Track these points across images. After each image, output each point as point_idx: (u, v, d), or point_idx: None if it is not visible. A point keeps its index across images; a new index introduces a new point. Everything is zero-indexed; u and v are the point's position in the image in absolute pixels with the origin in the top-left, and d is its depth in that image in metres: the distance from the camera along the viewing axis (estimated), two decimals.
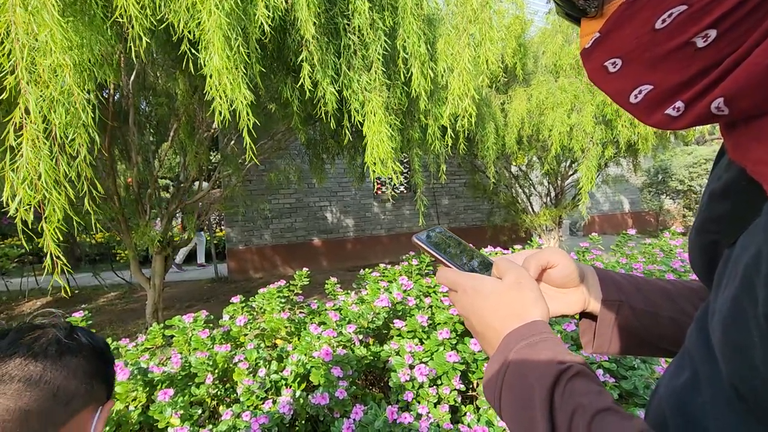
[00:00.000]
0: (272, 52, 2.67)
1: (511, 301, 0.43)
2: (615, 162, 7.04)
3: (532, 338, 0.39)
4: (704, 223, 0.39)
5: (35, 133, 1.52)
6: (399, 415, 1.51)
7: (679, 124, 0.33)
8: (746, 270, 0.26)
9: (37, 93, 1.53)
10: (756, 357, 0.25)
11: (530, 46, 5.55)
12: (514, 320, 0.41)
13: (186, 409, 1.55)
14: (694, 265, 0.43)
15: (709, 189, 0.39)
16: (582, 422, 0.32)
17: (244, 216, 7.82)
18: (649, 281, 0.53)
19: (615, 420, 0.31)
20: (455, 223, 9.59)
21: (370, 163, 2.48)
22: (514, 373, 0.38)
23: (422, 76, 2.57)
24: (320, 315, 2.24)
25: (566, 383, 0.35)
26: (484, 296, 0.44)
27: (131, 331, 4.82)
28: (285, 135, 5.00)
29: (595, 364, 1.85)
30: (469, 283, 0.45)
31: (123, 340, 2.13)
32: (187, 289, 7.36)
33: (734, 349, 0.27)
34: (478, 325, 0.44)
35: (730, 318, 0.27)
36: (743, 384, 0.27)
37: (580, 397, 0.34)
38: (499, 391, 0.38)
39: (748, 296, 0.25)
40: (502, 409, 0.38)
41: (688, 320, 0.48)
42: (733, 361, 0.27)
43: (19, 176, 1.51)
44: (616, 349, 0.51)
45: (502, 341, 0.41)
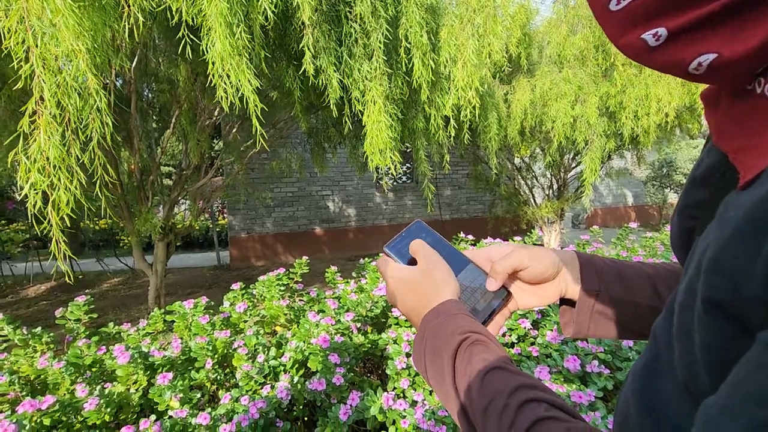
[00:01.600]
0: (275, 40, 2.65)
1: (424, 286, 0.48)
2: (619, 155, 6.99)
3: (440, 317, 0.44)
4: (684, 208, 0.39)
5: (48, 119, 1.53)
6: (395, 402, 1.53)
7: (652, 58, 0.29)
8: (699, 256, 0.26)
9: (51, 80, 1.54)
10: (695, 346, 0.25)
11: (535, 35, 5.48)
12: (430, 301, 0.47)
13: (185, 393, 1.58)
14: (675, 248, 0.43)
15: (691, 174, 0.39)
16: (476, 382, 0.37)
17: (246, 204, 7.84)
18: (633, 266, 0.53)
19: (504, 374, 0.37)
20: (457, 214, 9.59)
21: (369, 152, 2.47)
22: (429, 349, 0.43)
23: (423, 66, 2.55)
24: (319, 303, 2.26)
25: (465, 350, 0.40)
26: (405, 283, 0.49)
27: (133, 316, 4.88)
28: (287, 123, 4.98)
29: (591, 356, 1.87)
30: (393, 273, 0.51)
31: (125, 325, 2.16)
32: (189, 275, 7.42)
33: (683, 335, 0.27)
34: (404, 310, 0.49)
35: (684, 303, 0.27)
36: (687, 369, 0.27)
37: (477, 361, 0.39)
38: (424, 367, 0.44)
39: (697, 283, 0.26)
40: (429, 382, 0.43)
41: None
42: (682, 348, 0.27)
43: (31, 161, 1.53)
44: (594, 334, 0.52)
45: (421, 322, 0.46)
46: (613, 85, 4.76)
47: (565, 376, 1.80)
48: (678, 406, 0.30)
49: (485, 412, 0.35)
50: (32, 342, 1.92)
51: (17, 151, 1.53)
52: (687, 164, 10.43)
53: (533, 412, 0.33)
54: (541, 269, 0.51)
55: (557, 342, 1.93)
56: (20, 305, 5.89)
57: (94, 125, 1.68)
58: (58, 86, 1.54)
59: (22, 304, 5.97)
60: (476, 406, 0.36)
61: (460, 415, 0.39)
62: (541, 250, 0.52)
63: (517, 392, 0.35)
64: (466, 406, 0.38)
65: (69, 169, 1.61)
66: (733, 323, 0.23)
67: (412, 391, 1.64)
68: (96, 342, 1.89)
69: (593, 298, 0.51)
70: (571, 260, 0.53)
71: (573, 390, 1.65)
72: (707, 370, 0.25)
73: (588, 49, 4.96)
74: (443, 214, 9.45)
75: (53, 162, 1.54)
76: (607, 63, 4.89)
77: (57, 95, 1.54)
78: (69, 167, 1.61)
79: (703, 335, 0.24)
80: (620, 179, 8.77)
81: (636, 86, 4.64)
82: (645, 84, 4.60)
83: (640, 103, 4.67)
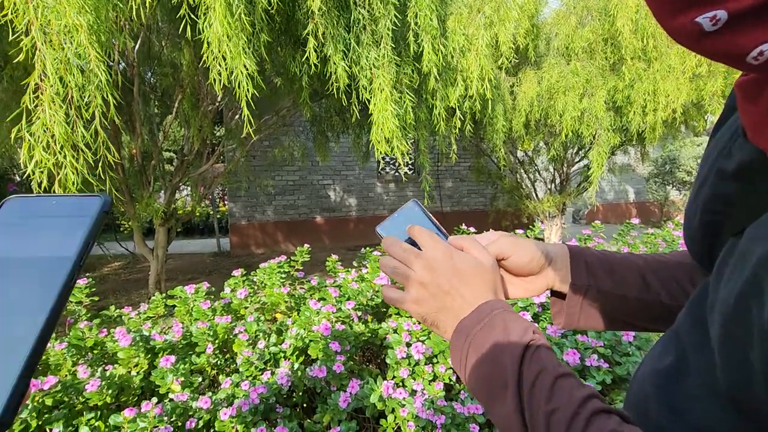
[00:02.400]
0: (280, 25, 2.61)
1: (490, 278, 0.46)
2: (622, 150, 6.95)
3: (500, 311, 0.41)
4: (708, 201, 0.37)
5: (51, 95, 1.51)
6: (394, 390, 1.54)
7: (705, 45, 0.26)
8: (757, 267, 0.25)
9: (53, 55, 1.51)
10: (753, 357, 0.24)
11: (543, 27, 5.40)
12: (490, 294, 0.44)
13: (186, 377, 1.58)
14: (693, 242, 0.42)
15: (717, 165, 0.37)
16: (544, 387, 0.35)
17: (247, 191, 7.82)
18: (623, 260, 0.54)
19: (573, 382, 0.35)
20: (458, 207, 9.57)
21: (375, 141, 2.45)
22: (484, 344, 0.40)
23: (434, 52, 2.50)
24: (320, 291, 2.26)
25: (533, 353, 0.38)
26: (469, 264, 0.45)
27: (134, 300, 4.90)
28: (290, 111, 4.94)
29: (590, 349, 1.87)
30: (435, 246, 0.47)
31: (126, 309, 2.17)
32: (190, 261, 7.44)
33: (733, 346, 0.26)
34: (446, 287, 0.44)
35: (734, 314, 0.26)
36: (736, 381, 0.26)
37: (546, 366, 0.37)
38: (468, 346, 0.41)
39: (756, 296, 0.24)
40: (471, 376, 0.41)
41: (656, 298, 0.50)
42: (730, 358, 0.26)
43: (35, 138, 1.51)
44: (585, 326, 0.53)
45: (477, 308, 0.42)
46: (621, 80, 4.70)
47: None
48: (704, 408, 0.29)
49: (550, 416, 0.34)
50: None
51: (20, 128, 1.51)
52: (690, 162, 10.39)
53: (605, 423, 0.32)
54: (524, 260, 0.51)
55: (557, 335, 1.94)
56: None
57: (96, 102, 1.65)
58: (61, 62, 1.51)
59: None
60: (540, 411, 0.34)
61: (515, 418, 0.36)
62: (526, 241, 0.52)
63: (588, 402, 0.34)
64: (525, 410, 0.35)
65: (74, 147, 1.59)
66: None
67: (412, 380, 1.64)
68: (97, 325, 1.90)
69: (583, 292, 0.51)
70: (562, 254, 0.53)
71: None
72: None
73: (596, 42, 4.90)
74: (444, 206, 9.43)
75: (59, 140, 1.52)
76: (615, 56, 4.83)
77: (60, 71, 1.52)
78: (74, 145, 1.59)
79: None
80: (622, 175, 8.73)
81: (644, 81, 4.59)
82: (653, 79, 4.55)
83: (648, 99, 4.62)
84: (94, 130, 1.71)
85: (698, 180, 0.42)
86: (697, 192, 0.41)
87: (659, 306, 0.51)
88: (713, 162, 0.39)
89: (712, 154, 0.41)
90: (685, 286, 0.51)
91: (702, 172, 0.41)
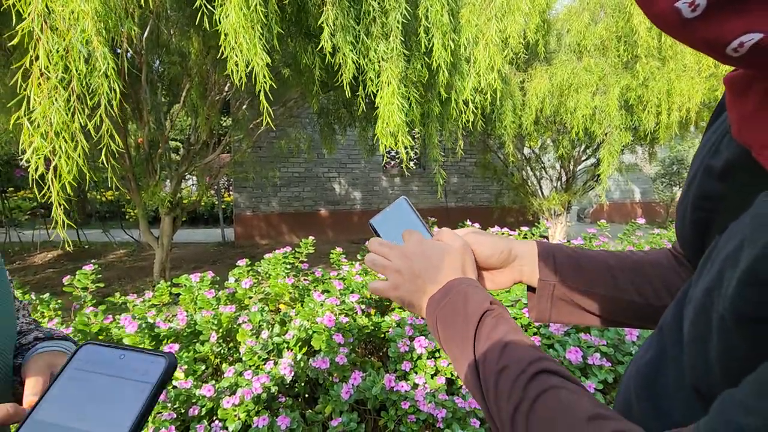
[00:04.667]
0: (291, 15, 2.59)
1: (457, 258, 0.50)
2: (630, 150, 6.89)
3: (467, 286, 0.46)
4: (698, 199, 0.38)
5: (54, 83, 1.50)
6: (396, 384, 1.55)
7: (685, 32, 0.25)
8: (724, 262, 0.25)
9: (58, 41, 1.51)
10: (710, 346, 0.25)
11: (554, 23, 5.34)
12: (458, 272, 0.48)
13: (190, 365, 1.60)
14: (684, 240, 0.42)
15: (705, 162, 0.38)
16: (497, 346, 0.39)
17: (252, 182, 7.83)
18: (593, 257, 0.56)
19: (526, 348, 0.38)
20: (462, 202, 9.55)
21: (380, 134, 2.44)
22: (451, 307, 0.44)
23: (443, 47, 2.48)
24: (324, 283, 2.27)
25: (492, 318, 0.42)
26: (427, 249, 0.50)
27: (139, 287, 4.94)
28: (297, 102, 4.93)
29: (593, 348, 1.87)
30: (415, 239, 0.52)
31: (131, 296, 2.18)
32: (194, 250, 7.48)
33: (697, 338, 0.27)
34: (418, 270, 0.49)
35: (700, 308, 0.27)
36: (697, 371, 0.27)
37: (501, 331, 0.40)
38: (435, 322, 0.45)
39: (717, 288, 0.25)
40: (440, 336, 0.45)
41: (624, 296, 0.52)
42: (693, 349, 0.27)
43: (34, 126, 1.51)
44: (556, 319, 0.56)
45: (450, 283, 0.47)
46: (635, 78, 4.64)
47: (567, 367, 1.81)
48: (681, 402, 0.29)
49: (500, 374, 0.36)
50: (40, 308, 1.95)
51: (20, 115, 1.51)
52: None
53: (547, 380, 0.34)
54: (486, 253, 0.54)
55: (560, 333, 1.93)
56: (27, 272, 5.98)
57: (102, 91, 1.65)
58: (66, 50, 1.51)
59: (29, 271, 6.06)
60: (491, 366, 0.37)
61: (471, 371, 0.39)
62: (491, 237, 0.56)
63: (536, 363, 0.36)
64: (479, 364, 0.39)
65: (72, 135, 1.59)
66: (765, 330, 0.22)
67: (414, 374, 1.65)
68: (103, 311, 1.91)
69: (551, 287, 0.54)
70: (530, 252, 0.56)
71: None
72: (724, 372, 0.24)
73: (610, 39, 4.83)
74: (449, 201, 9.41)
75: (56, 128, 1.52)
76: (628, 55, 4.76)
77: (65, 59, 1.51)
78: (72, 134, 1.59)
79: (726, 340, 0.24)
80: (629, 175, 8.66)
81: (658, 80, 4.52)
82: (668, 78, 4.48)
83: (662, 98, 4.56)
84: (99, 119, 1.70)
85: (688, 177, 0.43)
86: (687, 190, 0.42)
87: (629, 303, 0.53)
88: (702, 159, 0.40)
89: (702, 151, 0.42)
90: (656, 285, 0.53)
91: (692, 170, 0.42)
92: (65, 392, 0.34)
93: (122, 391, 0.34)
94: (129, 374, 0.35)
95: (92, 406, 0.33)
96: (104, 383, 0.34)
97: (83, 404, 0.34)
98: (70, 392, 0.34)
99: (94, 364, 0.35)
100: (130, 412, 0.33)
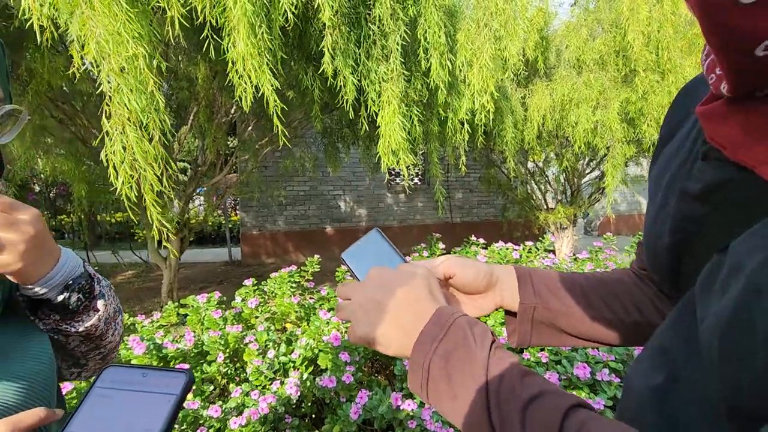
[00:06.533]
0: (293, 40, 2.68)
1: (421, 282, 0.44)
2: (635, 162, 6.89)
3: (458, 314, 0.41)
4: (679, 221, 0.39)
5: (126, 120, 1.64)
6: (403, 402, 1.54)
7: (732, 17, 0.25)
8: (753, 277, 0.26)
9: (123, 82, 1.65)
10: (755, 362, 0.25)
11: (553, 39, 5.43)
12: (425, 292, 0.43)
13: (198, 385, 1.61)
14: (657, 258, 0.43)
15: (678, 185, 0.39)
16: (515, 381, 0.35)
17: (258, 201, 7.91)
18: (567, 279, 0.57)
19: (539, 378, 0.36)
20: (468, 218, 9.54)
21: (383, 153, 2.49)
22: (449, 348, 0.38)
23: (441, 67, 2.55)
24: (329, 301, 2.28)
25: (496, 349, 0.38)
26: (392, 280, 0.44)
27: (147, 308, 4.97)
28: (301, 123, 5.03)
29: (601, 363, 1.85)
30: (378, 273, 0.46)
31: (139, 317, 2.21)
32: (202, 270, 7.52)
33: (732, 355, 0.27)
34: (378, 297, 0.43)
35: (733, 324, 0.27)
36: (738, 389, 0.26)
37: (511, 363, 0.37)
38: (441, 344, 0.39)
39: (758, 302, 0.25)
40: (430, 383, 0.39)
41: (597, 314, 0.53)
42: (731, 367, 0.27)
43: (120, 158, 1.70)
44: (537, 342, 0.56)
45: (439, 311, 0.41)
46: (634, 92, 4.69)
47: (575, 383, 1.79)
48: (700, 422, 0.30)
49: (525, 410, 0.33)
50: None
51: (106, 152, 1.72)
52: None
53: (581, 414, 0.33)
54: (470, 278, 0.53)
55: (568, 349, 1.92)
56: None
57: (154, 124, 1.78)
58: (130, 90, 1.65)
59: None
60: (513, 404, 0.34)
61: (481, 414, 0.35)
62: (473, 262, 0.55)
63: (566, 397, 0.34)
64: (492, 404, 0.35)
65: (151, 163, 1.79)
66: None
67: None
68: None
69: (531, 310, 0.54)
70: (509, 275, 0.56)
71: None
72: None
73: (608, 54, 4.90)
74: (454, 217, 9.41)
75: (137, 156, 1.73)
76: (627, 68, 4.82)
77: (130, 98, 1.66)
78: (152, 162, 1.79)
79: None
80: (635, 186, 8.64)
81: (658, 93, 4.57)
82: (668, 92, 4.53)
83: (663, 111, 4.59)
84: (155, 147, 1.86)
85: (655, 200, 0.43)
86: (657, 213, 0.42)
87: (604, 321, 0.54)
88: (671, 182, 0.40)
89: (665, 171, 0.42)
90: (624, 301, 0.54)
91: (658, 191, 0.43)
92: (93, 410, 0.36)
93: (148, 402, 0.36)
94: (153, 389, 0.37)
95: (121, 418, 0.36)
96: (130, 398, 0.37)
97: (113, 417, 0.36)
98: (99, 409, 0.36)
99: (118, 383, 0.38)
100: (158, 419, 0.35)
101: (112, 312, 0.65)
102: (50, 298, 0.54)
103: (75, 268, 0.57)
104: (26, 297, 0.54)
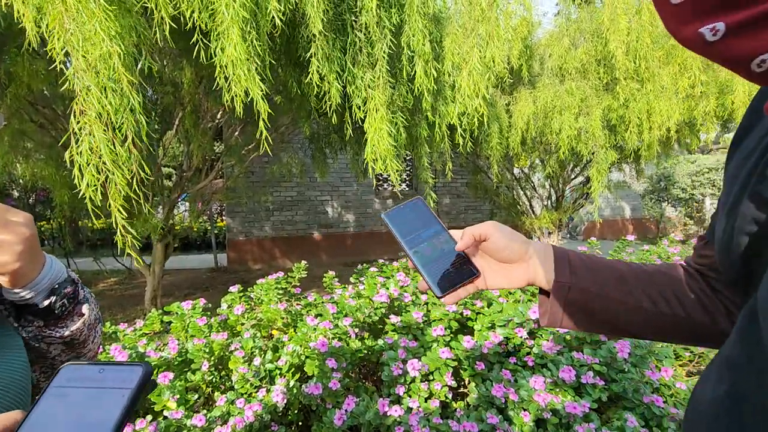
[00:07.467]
0: (281, 46, 2.68)
1: None
2: (618, 168, 7.05)
3: None
4: (747, 224, 0.38)
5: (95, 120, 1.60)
6: (390, 408, 1.54)
7: (712, 52, 0.28)
8: None
9: (93, 80, 1.60)
10: None
11: (536, 48, 5.54)
12: None
13: (182, 394, 1.58)
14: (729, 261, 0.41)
15: (752, 188, 0.38)
16: None
17: (245, 207, 7.84)
18: (607, 264, 0.55)
19: None
20: (455, 222, 9.61)
21: (370, 159, 2.50)
22: None
23: (425, 75, 2.58)
24: (317, 307, 2.26)
25: None
26: None
27: (130, 316, 4.86)
28: (288, 128, 5.01)
29: (586, 366, 1.88)
30: None
31: (121, 325, 2.16)
32: (186, 277, 7.40)
33: None
34: None
35: None
36: None
37: None
38: None
39: None
40: None
41: (636, 303, 0.51)
42: None
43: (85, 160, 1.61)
44: (568, 325, 0.54)
45: None
46: (616, 99, 4.81)
47: (560, 386, 1.81)
48: None
49: None
50: None
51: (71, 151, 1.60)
52: (684, 179, 10.51)
53: None
54: (502, 243, 0.54)
55: (553, 353, 1.94)
56: None
57: (129, 124, 1.74)
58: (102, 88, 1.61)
59: None
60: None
61: None
62: (509, 230, 0.55)
63: None
64: None
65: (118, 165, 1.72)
66: None
67: (408, 397, 1.64)
68: None
69: (566, 290, 0.53)
70: (545, 251, 0.55)
71: (568, 401, 1.65)
72: None
73: (590, 62, 5.02)
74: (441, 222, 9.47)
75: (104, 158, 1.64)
76: (608, 77, 4.95)
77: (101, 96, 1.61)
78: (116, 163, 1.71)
79: None
80: (618, 192, 8.82)
81: (638, 101, 4.70)
82: (647, 99, 4.66)
83: (643, 118, 4.72)
84: (127, 150, 1.80)
85: (728, 199, 0.42)
86: (729, 214, 0.41)
87: (640, 310, 0.52)
88: (745, 183, 0.39)
89: (740, 171, 0.41)
90: (666, 294, 0.52)
91: (732, 191, 0.41)
92: (48, 408, 0.36)
93: (103, 398, 0.36)
94: (109, 384, 0.37)
95: (75, 415, 0.35)
96: (85, 395, 0.36)
97: (66, 415, 0.35)
98: (53, 408, 0.36)
99: (75, 381, 0.37)
100: (112, 414, 0.35)
101: (93, 319, 0.64)
102: (36, 303, 0.54)
103: (59, 272, 0.57)
104: (9, 303, 0.53)
